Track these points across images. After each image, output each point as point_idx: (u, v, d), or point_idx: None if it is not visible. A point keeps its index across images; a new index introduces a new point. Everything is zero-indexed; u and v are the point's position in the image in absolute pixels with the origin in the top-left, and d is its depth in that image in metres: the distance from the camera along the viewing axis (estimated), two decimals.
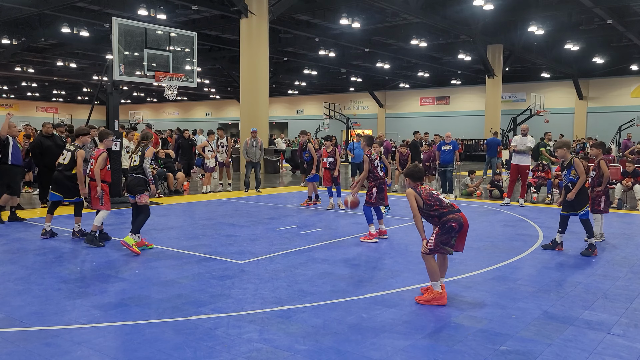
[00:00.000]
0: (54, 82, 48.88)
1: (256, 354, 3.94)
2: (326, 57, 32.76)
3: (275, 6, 19.43)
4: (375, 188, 8.23)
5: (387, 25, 26.75)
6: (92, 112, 13.07)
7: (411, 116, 46.75)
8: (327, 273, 6.26)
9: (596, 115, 38.40)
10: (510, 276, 6.24)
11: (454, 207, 5.26)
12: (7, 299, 5.16)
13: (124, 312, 4.81)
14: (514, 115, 30.61)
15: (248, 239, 8.28)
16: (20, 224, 9.44)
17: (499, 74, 30.31)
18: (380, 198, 8.30)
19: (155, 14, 21.17)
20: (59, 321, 4.58)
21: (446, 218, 5.12)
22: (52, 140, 11.46)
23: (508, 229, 9.41)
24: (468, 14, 24.30)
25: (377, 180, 8.27)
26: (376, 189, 8.22)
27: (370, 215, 8.23)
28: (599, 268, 6.67)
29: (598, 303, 5.25)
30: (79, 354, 3.90)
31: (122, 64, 11.33)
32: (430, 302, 5.14)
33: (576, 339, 4.31)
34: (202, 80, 43.05)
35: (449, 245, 5.15)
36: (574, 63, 35.08)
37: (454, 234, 5.13)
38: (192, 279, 5.92)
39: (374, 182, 8.25)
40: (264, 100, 20.18)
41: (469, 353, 4.00)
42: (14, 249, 7.44)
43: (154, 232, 8.76)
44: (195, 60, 12.99)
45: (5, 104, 57.99)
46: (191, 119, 60.26)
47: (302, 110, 54.26)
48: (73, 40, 27.65)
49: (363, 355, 3.95)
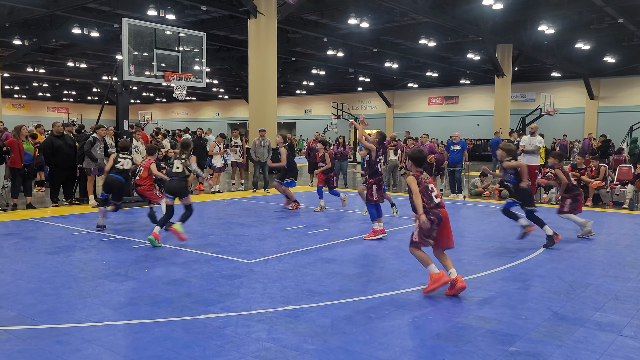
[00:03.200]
0: (64, 83, 49.27)
1: (265, 353, 3.95)
2: (334, 57, 32.74)
3: (283, 6, 19.44)
4: (375, 185, 8.25)
5: (396, 25, 26.68)
6: (102, 112, 13.16)
7: (420, 116, 46.64)
8: (336, 273, 6.26)
9: (607, 115, 38.10)
10: (520, 277, 6.21)
11: (441, 204, 5.52)
12: (19, 297, 5.21)
13: (134, 311, 4.84)
14: (523, 115, 30.39)
15: (256, 238, 8.30)
16: (32, 223, 9.52)
17: (508, 73, 30.13)
18: (381, 195, 8.35)
19: (164, 15, 21.26)
20: (69, 319, 4.61)
21: (426, 212, 5.40)
22: (63, 140, 11.56)
23: (517, 230, 9.31)
24: (477, 13, 24.18)
25: (377, 176, 8.31)
26: (376, 186, 8.25)
27: (375, 213, 8.26)
28: (610, 269, 6.62)
29: (609, 304, 5.21)
30: (89, 352, 3.93)
31: (131, 64, 11.40)
32: (434, 286, 5.38)
33: (587, 341, 4.28)
34: (211, 80, 43.19)
35: (431, 237, 5.41)
36: (584, 62, 34.81)
37: (434, 227, 5.39)
38: (201, 278, 5.95)
39: (373, 179, 8.27)
40: (272, 100, 20.20)
41: (477, 354, 3.99)
42: (25, 247, 7.51)
43: (162, 231, 8.79)
44: (204, 60, 13.03)
45: (17, 104, 58.54)
46: (200, 118, 60.47)
47: (310, 110, 54.29)
48: (83, 41, 27.82)
49: (371, 355, 3.94)
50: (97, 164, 11.60)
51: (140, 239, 8.12)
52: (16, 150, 10.68)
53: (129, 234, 8.55)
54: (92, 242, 7.91)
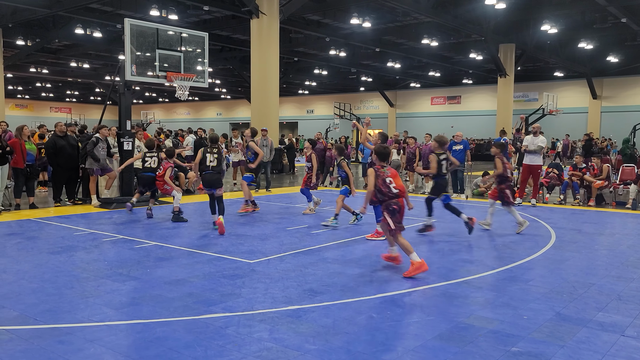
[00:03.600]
0: (67, 83, 49.37)
1: (266, 353, 3.95)
2: (337, 57, 32.73)
3: (286, 6, 19.44)
4: None
5: (398, 25, 26.66)
6: (105, 112, 13.18)
7: (422, 116, 46.58)
8: (338, 273, 6.26)
9: (610, 114, 38.01)
10: (522, 277, 6.20)
11: (400, 194, 6.23)
12: (22, 297, 5.22)
13: (136, 311, 4.84)
14: (526, 114, 30.32)
15: (258, 238, 8.30)
16: (35, 223, 9.54)
17: (510, 73, 30.08)
18: None
19: (167, 15, 21.28)
20: (72, 319, 4.62)
21: (388, 203, 6.19)
22: (66, 140, 11.58)
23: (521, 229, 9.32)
24: (479, 13, 24.14)
25: None
26: None
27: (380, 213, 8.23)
28: (612, 269, 6.60)
29: (612, 305, 5.20)
30: (91, 352, 3.94)
31: (134, 65, 11.41)
32: (415, 272, 6.00)
33: (589, 341, 4.27)
34: (213, 81, 43.22)
35: (401, 223, 6.27)
36: (587, 62, 34.73)
37: (397, 214, 6.18)
38: (203, 278, 5.95)
39: None
40: (274, 100, 20.19)
41: (479, 354, 3.98)
42: (28, 247, 7.52)
43: (165, 231, 8.82)
44: (206, 60, 13.03)
45: (20, 104, 58.68)
46: (202, 118, 60.52)
47: (313, 110, 54.28)
48: (86, 41, 27.88)
49: (373, 355, 3.94)
50: (100, 164, 11.62)
51: (143, 239, 8.13)
52: (18, 151, 10.70)
53: (131, 234, 8.56)
54: (95, 242, 7.92)
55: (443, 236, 8.68)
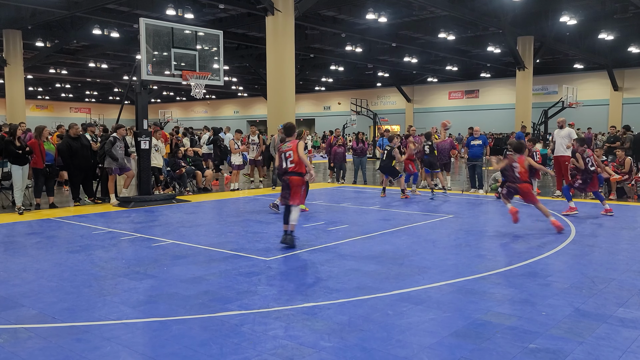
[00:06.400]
0: (86, 83, 50.01)
1: (281, 350, 3.95)
2: (353, 53, 32.57)
3: (301, 3, 19.40)
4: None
5: (414, 19, 26.45)
6: (122, 111, 13.31)
7: (440, 110, 46.17)
8: (353, 270, 6.23)
9: (632, 106, 37.25)
10: (541, 272, 6.11)
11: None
12: (41, 296, 5.30)
13: (152, 309, 4.88)
14: (545, 108, 29.88)
15: (275, 235, 8.30)
16: (55, 223, 9.67)
17: (529, 66, 29.63)
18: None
19: (182, 14, 21.39)
20: (89, 317, 4.67)
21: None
22: (79, 142, 11.65)
23: (540, 224, 9.20)
24: (497, 5, 23.82)
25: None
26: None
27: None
28: (634, 264, 6.47)
29: (632, 300, 5.09)
30: (108, 350, 3.98)
31: (150, 64, 11.49)
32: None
33: (609, 337, 4.18)
34: (230, 79, 43.40)
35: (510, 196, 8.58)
36: (608, 53, 34.07)
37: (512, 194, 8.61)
38: (219, 276, 5.97)
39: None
40: (290, 97, 20.18)
41: (497, 351, 3.93)
42: (47, 246, 7.63)
43: (182, 230, 8.88)
44: (221, 58, 13.07)
45: (40, 105, 59.64)
46: (220, 116, 60.87)
47: (329, 106, 54.21)
48: (104, 42, 28.20)
49: (389, 352, 3.91)
50: (118, 163, 11.74)
51: (160, 237, 8.19)
52: (37, 151, 10.85)
53: (149, 233, 8.64)
54: (113, 240, 8.01)
55: (460, 232, 8.61)
